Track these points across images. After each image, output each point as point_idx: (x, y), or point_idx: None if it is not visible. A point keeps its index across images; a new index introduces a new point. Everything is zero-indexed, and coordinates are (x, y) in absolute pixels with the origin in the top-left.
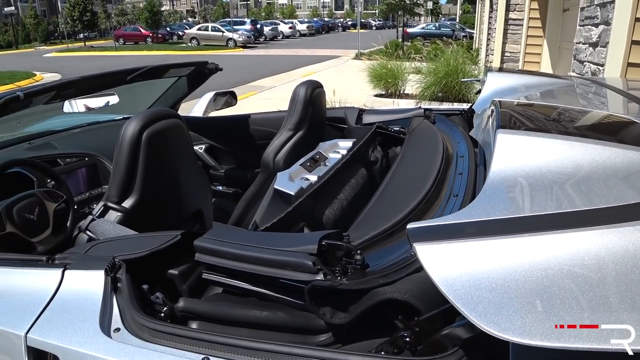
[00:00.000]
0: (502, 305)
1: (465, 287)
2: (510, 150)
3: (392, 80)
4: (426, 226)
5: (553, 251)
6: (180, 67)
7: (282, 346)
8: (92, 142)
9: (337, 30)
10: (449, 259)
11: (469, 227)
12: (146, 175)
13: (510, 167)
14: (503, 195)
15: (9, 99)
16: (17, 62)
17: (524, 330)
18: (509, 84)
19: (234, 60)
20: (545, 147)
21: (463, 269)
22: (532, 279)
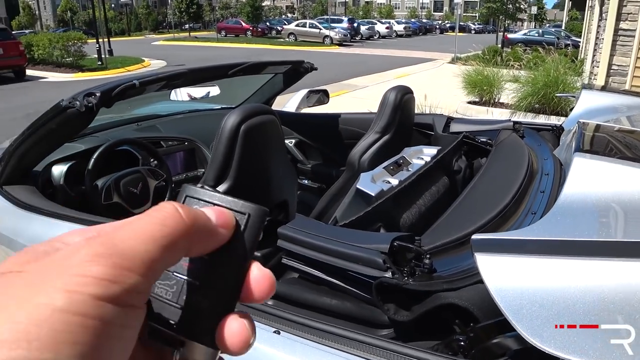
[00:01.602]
0: (550, 321)
1: (517, 300)
2: (585, 174)
3: (487, 88)
4: (489, 238)
5: (610, 277)
6: (278, 65)
7: (347, 331)
8: (192, 128)
9: (435, 32)
10: (506, 272)
11: (530, 244)
12: (240, 164)
13: (582, 192)
14: (570, 218)
15: (126, 86)
16: (128, 48)
17: (569, 347)
18: (603, 104)
19: (329, 57)
20: (621, 175)
21: (518, 283)
22: (585, 302)
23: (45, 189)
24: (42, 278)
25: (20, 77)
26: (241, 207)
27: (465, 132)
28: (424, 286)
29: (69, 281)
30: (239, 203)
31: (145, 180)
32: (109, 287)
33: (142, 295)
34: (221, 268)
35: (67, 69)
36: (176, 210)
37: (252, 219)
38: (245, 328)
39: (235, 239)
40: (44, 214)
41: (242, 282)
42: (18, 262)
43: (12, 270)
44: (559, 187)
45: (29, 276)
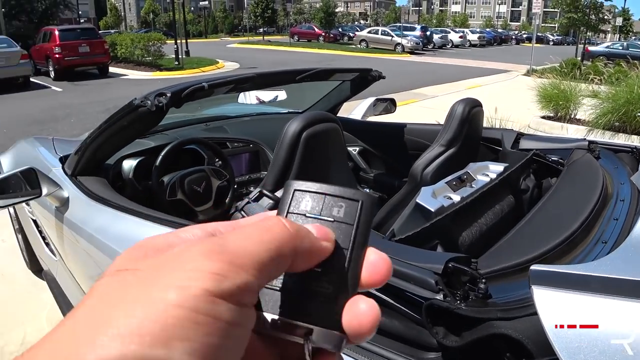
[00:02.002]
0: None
1: (574, 342)
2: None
3: (563, 103)
4: (550, 271)
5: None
6: (346, 72)
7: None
8: (258, 130)
9: (510, 42)
10: (566, 310)
11: (596, 282)
12: (300, 171)
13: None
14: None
15: (195, 88)
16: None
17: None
18: None
19: (399, 65)
20: None
21: (577, 324)
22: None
23: (115, 182)
24: (156, 275)
25: (103, 74)
26: (353, 194)
27: (536, 149)
28: (476, 312)
29: (182, 276)
30: (351, 191)
31: (209, 180)
32: (221, 282)
33: (252, 294)
34: (341, 253)
35: (147, 68)
36: (280, 220)
37: (365, 206)
38: (374, 307)
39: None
40: (110, 206)
41: (361, 267)
42: (132, 258)
43: (127, 267)
44: (635, 216)
45: (143, 274)
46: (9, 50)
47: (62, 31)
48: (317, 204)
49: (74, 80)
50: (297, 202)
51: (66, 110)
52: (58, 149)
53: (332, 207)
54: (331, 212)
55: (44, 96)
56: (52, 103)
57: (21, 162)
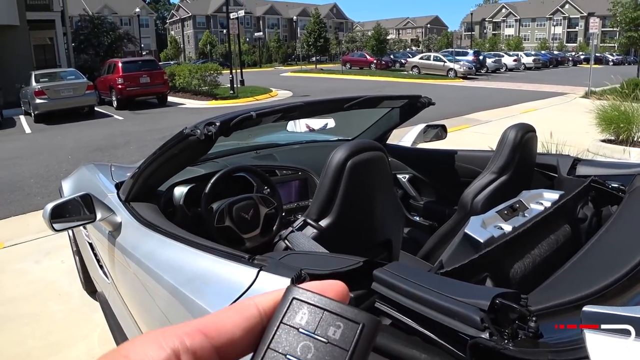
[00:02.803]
0: None
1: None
2: None
3: (625, 125)
4: (606, 313)
5: None
6: (394, 100)
7: None
8: (307, 158)
9: (567, 64)
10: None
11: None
12: (345, 200)
13: None
14: None
15: (244, 117)
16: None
17: None
18: None
19: (452, 90)
20: None
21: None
22: None
23: (167, 208)
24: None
25: (162, 103)
26: (355, 315)
27: (594, 175)
28: (525, 353)
29: None
30: (353, 311)
31: (257, 207)
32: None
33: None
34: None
35: (203, 97)
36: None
37: (366, 330)
38: None
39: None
40: (159, 232)
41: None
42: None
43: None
44: None
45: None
46: (76, 82)
47: (125, 63)
48: (313, 319)
49: (134, 109)
50: (293, 312)
51: (126, 138)
52: (115, 175)
53: (329, 326)
54: (327, 331)
55: (106, 124)
56: (114, 131)
57: (81, 187)
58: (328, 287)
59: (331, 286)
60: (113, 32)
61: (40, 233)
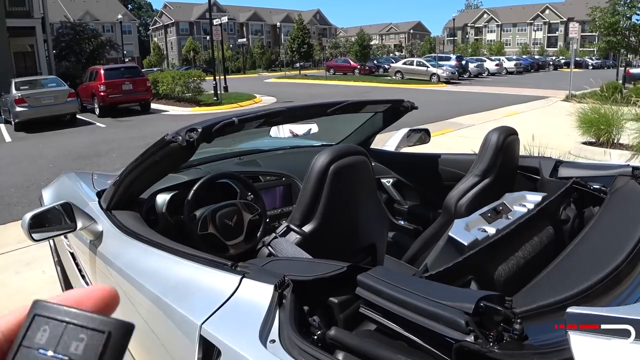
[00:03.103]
0: None
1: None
2: None
3: (605, 127)
4: (589, 314)
5: None
6: (377, 104)
7: None
8: (291, 164)
9: (548, 68)
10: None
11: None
12: (328, 205)
13: None
14: None
15: (225, 123)
16: (242, 84)
17: None
18: None
19: (435, 95)
20: None
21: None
22: None
23: (149, 216)
24: None
25: (145, 110)
26: (99, 324)
27: (576, 177)
28: (510, 356)
29: None
30: (97, 320)
31: (241, 214)
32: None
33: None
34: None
35: (186, 104)
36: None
37: (113, 339)
38: None
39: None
40: (141, 240)
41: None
42: None
43: None
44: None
45: None
46: (57, 89)
47: (107, 70)
48: (55, 335)
49: (117, 116)
50: (34, 331)
51: (109, 146)
52: (97, 183)
53: (72, 341)
54: (69, 347)
55: (88, 132)
56: (96, 139)
57: (62, 196)
58: (86, 295)
59: (91, 293)
60: (95, 39)
61: (21, 243)
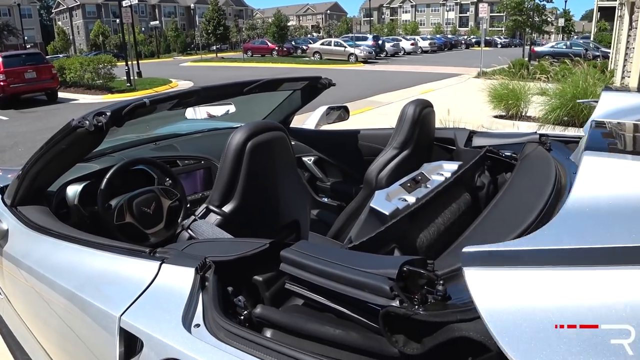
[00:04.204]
0: (546, 346)
1: (509, 321)
2: (595, 174)
3: (514, 102)
4: (481, 251)
5: (619, 289)
6: (295, 82)
7: None
8: (209, 146)
9: (460, 47)
10: (499, 288)
11: (527, 255)
12: (247, 183)
13: (592, 194)
14: (577, 223)
15: (136, 105)
16: (157, 69)
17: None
18: (624, 105)
19: (354, 75)
20: (635, 171)
21: (512, 300)
22: (590, 319)
23: (60, 209)
24: None
25: (52, 99)
26: None
27: (489, 146)
28: (435, 316)
29: None
30: None
31: (159, 200)
32: None
33: None
34: None
35: (97, 91)
36: None
37: None
38: None
39: None
40: (51, 235)
41: None
42: None
43: None
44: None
45: None
46: None
47: (6, 57)
48: None
49: (21, 107)
50: None
51: (13, 140)
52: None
53: None
54: None
55: None
56: None
57: None
58: None
59: None
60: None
61: None
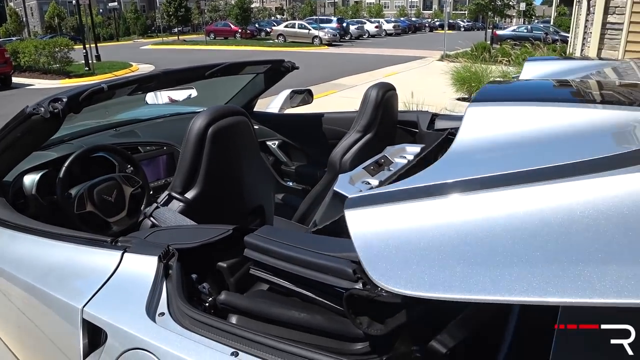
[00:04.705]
0: (401, 261)
1: (375, 246)
2: (474, 120)
3: (476, 84)
4: (362, 195)
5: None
6: (257, 65)
7: (310, 352)
8: (172, 132)
9: (424, 30)
10: (370, 221)
11: (400, 194)
12: (209, 169)
13: (472, 137)
14: (454, 163)
15: (93, 90)
16: (116, 53)
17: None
18: (546, 71)
19: (318, 57)
20: (510, 114)
21: (380, 230)
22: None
23: (17, 200)
24: None
25: (6, 85)
26: None
27: (451, 128)
28: (397, 297)
29: None
30: None
31: (121, 188)
32: None
33: None
34: None
35: (54, 76)
36: None
37: None
38: None
39: None
40: (9, 227)
41: None
42: None
43: None
44: None
45: None
46: None
47: None
48: None
49: None
50: None
51: None
52: None
53: None
54: None
55: None
56: None
57: None
58: None
59: None
60: None
61: None
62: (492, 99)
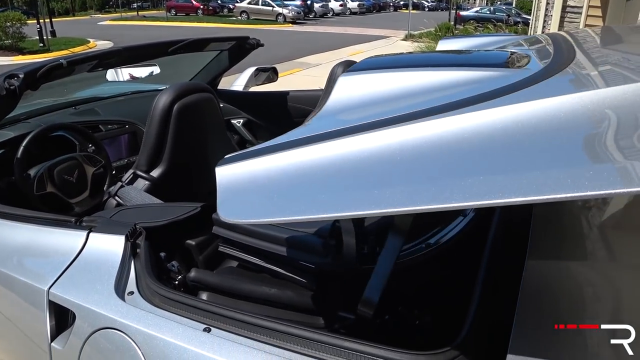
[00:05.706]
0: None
1: (229, 192)
2: (343, 88)
3: None
4: (235, 154)
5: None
6: (221, 42)
7: (281, 325)
8: (134, 110)
9: (389, 9)
10: (232, 174)
11: (264, 148)
12: (175, 146)
13: (336, 100)
14: (318, 122)
15: (52, 66)
16: (73, 28)
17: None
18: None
19: (282, 35)
20: (368, 80)
21: (237, 180)
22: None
23: None
24: None
25: None
26: None
27: None
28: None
29: None
30: None
31: (82, 167)
32: None
33: None
34: None
35: (6, 52)
36: None
37: None
38: None
39: None
40: None
41: None
42: None
43: None
44: None
45: None
46: None
47: None
48: None
49: None
50: None
51: None
52: None
53: None
54: None
55: None
56: None
57: None
58: None
59: None
60: None
61: None
62: (361, 70)
